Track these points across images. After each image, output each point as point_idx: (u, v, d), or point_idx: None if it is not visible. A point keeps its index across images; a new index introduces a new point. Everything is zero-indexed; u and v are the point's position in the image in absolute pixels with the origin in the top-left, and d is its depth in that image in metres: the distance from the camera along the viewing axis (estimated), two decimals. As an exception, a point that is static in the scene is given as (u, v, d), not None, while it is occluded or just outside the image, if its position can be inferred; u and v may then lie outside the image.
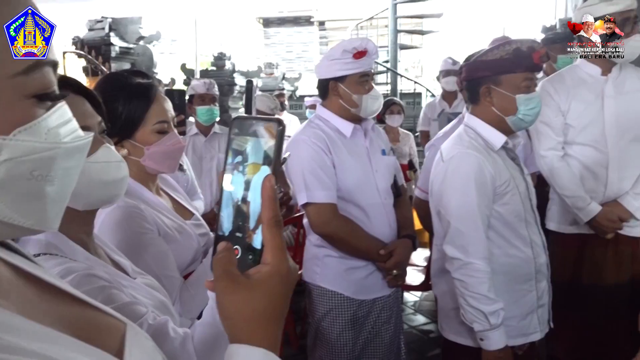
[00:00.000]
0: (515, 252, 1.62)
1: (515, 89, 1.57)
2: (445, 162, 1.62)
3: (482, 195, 1.55)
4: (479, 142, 1.62)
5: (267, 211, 0.49)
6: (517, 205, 1.62)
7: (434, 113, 4.35)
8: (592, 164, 2.09)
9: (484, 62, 1.60)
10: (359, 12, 9.80)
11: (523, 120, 1.62)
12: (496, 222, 1.60)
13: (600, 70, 2.11)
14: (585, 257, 2.16)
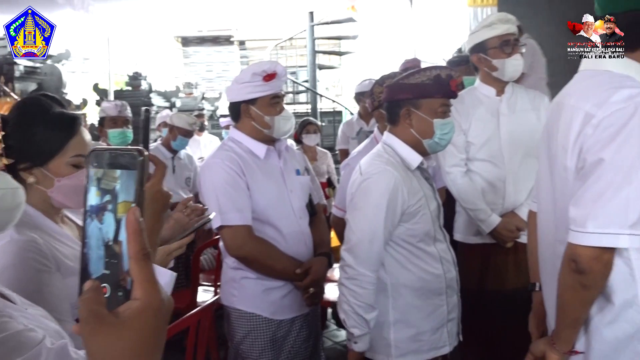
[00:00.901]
0: (427, 267, 1.70)
1: (433, 113, 1.67)
2: (363, 175, 1.68)
3: (390, 214, 1.62)
4: (396, 161, 1.69)
5: (133, 244, 0.47)
6: (428, 223, 1.70)
7: (352, 131, 4.46)
8: (492, 178, 2.25)
9: (406, 85, 1.68)
10: (279, 32, 9.92)
11: (438, 144, 1.72)
12: (408, 239, 1.68)
13: (495, 91, 2.29)
14: (489, 265, 2.31)
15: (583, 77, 1.29)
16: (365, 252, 1.61)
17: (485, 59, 2.21)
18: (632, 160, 1.07)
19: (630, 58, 1.19)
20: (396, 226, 1.66)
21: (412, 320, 1.68)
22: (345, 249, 1.65)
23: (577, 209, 1.13)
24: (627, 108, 1.09)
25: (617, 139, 1.09)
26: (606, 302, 1.18)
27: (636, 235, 1.07)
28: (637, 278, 1.15)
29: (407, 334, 1.68)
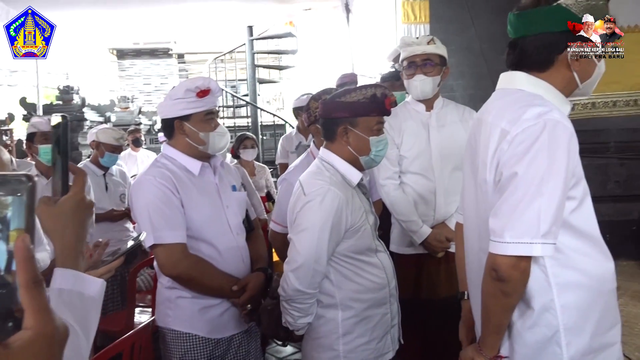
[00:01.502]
0: (373, 278, 1.74)
1: (369, 131, 1.70)
2: (307, 195, 1.67)
3: (335, 234, 1.64)
4: (337, 178, 1.71)
5: (23, 273, 0.46)
6: (369, 238, 1.75)
7: (292, 145, 4.48)
8: (423, 190, 2.33)
9: (343, 104, 1.70)
10: (219, 45, 9.85)
11: (374, 160, 1.76)
12: (351, 254, 1.71)
13: (424, 107, 2.39)
14: (423, 275, 2.38)
15: (499, 95, 1.37)
16: (310, 273, 1.62)
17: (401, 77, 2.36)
18: (543, 174, 1.15)
19: (540, 78, 1.28)
20: (340, 244, 1.69)
21: (361, 331, 1.71)
22: (290, 270, 1.64)
23: (495, 220, 1.19)
24: (537, 125, 1.16)
25: (528, 153, 1.16)
26: (526, 308, 1.24)
27: (548, 243, 1.14)
28: (552, 284, 1.22)
29: (355, 344, 1.70)
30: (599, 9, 1.21)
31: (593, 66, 1.27)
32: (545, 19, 1.22)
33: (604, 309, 1.25)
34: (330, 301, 1.70)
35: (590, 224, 1.27)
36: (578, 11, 1.20)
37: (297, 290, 1.62)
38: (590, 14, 1.20)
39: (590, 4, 1.20)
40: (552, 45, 1.24)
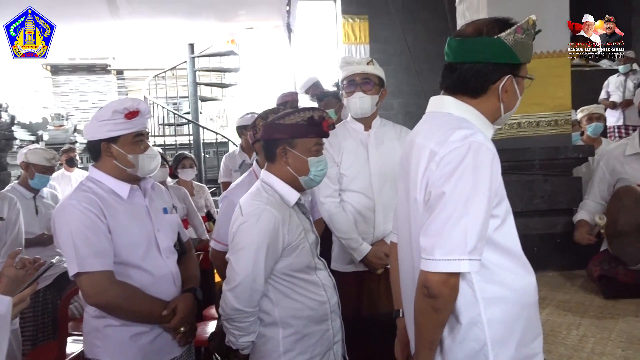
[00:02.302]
0: (312, 295, 1.76)
1: (308, 152, 1.75)
2: (244, 215, 1.69)
3: (272, 253, 1.67)
4: (275, 199, 1.74)
5: None
6: (308, 256, 1.77)
7: (235, 164, 4.44)
8: (363, 208, 2.37)
9: (282, 126, 1.74)
10: (160, 62, 9.66)
11: (313, 180, 1.80)
12: (290, 272, 1.73)
13: (363, 126, 2.44)
14: (363, 291, 2.41)
15: (428, 118, 1.42)
16: (248, 292, 1.64)
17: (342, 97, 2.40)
18: (468, 193, 1.20)
19: (470, 104, 1.34)
20: (277, 262, 1.71)
21: (302, 348, 1.73)
22: (228, 290, 1.66)
23: (425, 239, 1.23)
24: (462, 147, 1.22)
25: (455, 174, 1.21)
26: (455, 323, 1.28)
27: (474, 260, 1.19)
28: (479, 299, 1.27)
29: None
30: (527, 47, 1.30)
31: (516, 100, 1.35)
32: (486, 50, 1.28)
33: (528, 321, 1.31)
34: (270, 319, 1.73)
35: (513, 240, 1.33)
36: (513, 47, 1.27)
37: (235, 309, 1.63)
38: (520, 50, 1.28)
39: (523, 42, 1.28)
40: (488, 74, 1.30)
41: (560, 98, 2.95)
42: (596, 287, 2.40)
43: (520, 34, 1.28)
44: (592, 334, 1.92)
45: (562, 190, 2.88)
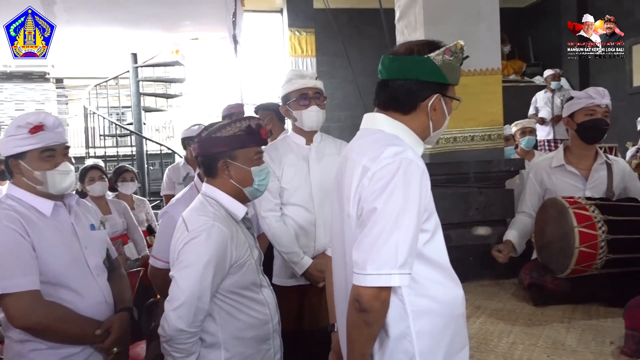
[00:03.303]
0: (256, 314, 1.73)
1: (250, 162, 1.73)
2: (190, 232, 1.63)
3: (219, 271, 1.62)
4: (222, 213, 1.69)
5: None
6: (253, 273, 1.74)
7: (179, 177, 4.35)
8: (304, 222, 2.38)
9: (220, 139, 1.70)
10: (102, 71, 9.36)
11: (258, 190, 1.78)
12: (236, 290, 1.69)
13: (304, 140, 2.46)
14: (305, 305, 2.41)
15: (362, 134, 1.45)
16: (193, 311, 1.57)
17: (289, 111, 2.38)
18: (399, 208, 1.23)
19: (401, 121, 1.38)
20: (224, 280, 1.66)
21: None
22: (171, 309, 1.57)
23: (358, 253, 1.25)
24: (394, 163, 1.25)
25: (386, 190, 1.24)
26: (385, 337, 1.30)
27: (405, 274, 1.22)
28: (409, 312, 1.30)
29: None
30: (455, 70, 1.36)
31: (444, 119, 1.40)
32: (416, 68, 1.33)
33: (455, 332, 1.35)
34: (213, 340, 1.67)
35: (442, 254, 1.38)
36: (442, 68, 1.33)
37: (178, 329, 1.55)
38: (448, 71, 1.33)
39: (451, 64, 1.33)
40: (418, 92, 1.35)
41: (493, 114, 3.09)
42: (527, 295, 2.51)
43: (448, 56, 1.33)
44: (521, 341, 2.01)
45: (495, 202, 3.01)
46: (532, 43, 9.25)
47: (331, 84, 8.21)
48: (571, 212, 2.28)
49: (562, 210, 2.34)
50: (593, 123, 2.56)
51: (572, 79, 8.07)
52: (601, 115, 2.57)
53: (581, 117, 2.59)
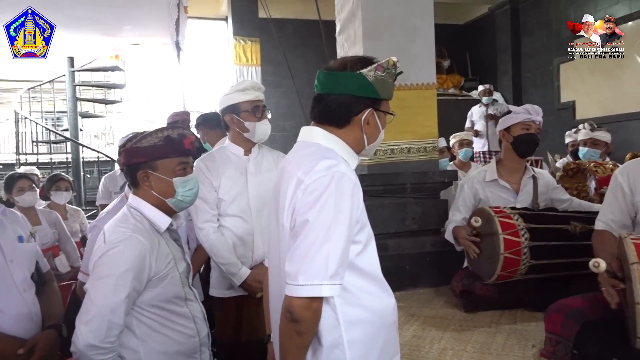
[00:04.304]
0: (181, 329, 1.70)
1: (171, 172, 1.69)
2: (107, 243, 1.58)
3: (136, 283, 1.57)
4: (144, 225, 1.66)
5: None
6: (177, 286, 1.70)
7: (116, 185, 4.22)
8: (241, 232, 2.37)
9: (139, 149, 1.67)
10: (36, 74, 8.93)
11: (183, 201, 1.74)
12: (158, 303, 1.65)
13: (243, 151, 2.45)
14: (243, 316, 2.40)
15: (299, 147, 1.48)
16: (105, 325, 1.51)
17: (238, 121, 2.36)
18: (331, 220, 1.26)
19: (336, 134, 1.41)
20: (142, 293, 1.62)
21: None
22: (82, 323, 1.52)
23: (290, 264, 1.27)
24: (326, 176, 1.28)
25: (318, 202, 1.26)
26: (318, 345, 1.33)
27: (335, 284, 1.25)
28: (341, 321, 1.33)
29: None
30: (388, 85, 1.40)
31: (378, 132, 1.45)
32: (349, 83, 1.37)
33: (386, 341, 1.39)
34: (133, 356, 1.62)
35: (374, 264, 1.41)
36: (374, 83, 1.37)
37: (89, 345, 1.49)
38: (380, 87, 1.38)
39: (383, 79, 1.38)
40: (351, 106, 1.39)
41: (429, 127, 3.22)
42: (458, 301, 2.62)
43: (380, 72, 1.38)
44: (451, 347, 2.09)
45: (430, 212, 3.12)
46: (470, 59, 9.68)
47: (276, 93, 8.24)
48: (497, 220, 2.41)
49: (489, 219, 2.46)
50: (529, 137, 2.73)
51: (506, 93, 8.49)
52: (535, 130, 2.75)
53: (517, 130, 2.74)
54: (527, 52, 8.36)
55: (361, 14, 3.08)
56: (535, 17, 8.13)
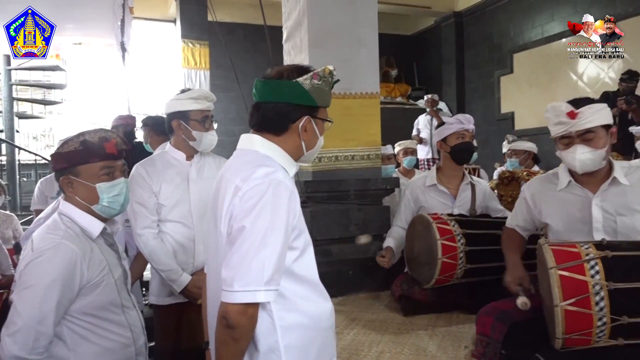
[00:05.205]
0: (115, 337, 1.66)
1: (95, 178, 1.65)
2: (35, 251, 1.53)
3: (67, 292, 1.53)
4: (75, 231, 1.61)
5: None
6: (112, 293, 1.67)
7: (52, 190, 4.06)
8: (182, 238, 2.34)
9: (60, 155, 1.63)
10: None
11: (110, 207, 1.69)
12: (91, 311, 1.61)
13: (185, 156, 2.43)
14: (183, 324, 2.37)
15: (238, 154, 1.49)
16: (32, 336, 1.46)
17: (186, 128, 2.33)
18: (267, 227, 1.27)
19: (274, 142, 1.43)
20: (73, 301, 1.57)
21: None
22: (7, 334, 1.46)
23: (226, 271, 1.28)
24: (263, 184, 1.30)
25: (255, 209, 1.28)
26: (254, 351, 1.34)
27: (270, 290, 1.27)
28: (278, 326, 1.35)
29: None
30: (324, 93, 1.43)
31: (316, 139, 1.48)
32: (286, 91, 1.39)
33: (322, 345, 1.42)
34: None
35: (311, 270, 1.44)
36: (310, 91, 1.40)
37: (15, 357, 1.44)
38: (317, 95, 1.41)
39: (319, 88, 1.41)
40: (288, 114, 1.41)
41: (372, 135, 3.30)
42: (398, 306, 2.69)
43: (317, 80, 1.41)
44: (389, 350, 2.15)
45: (373, 218, 3.19)
46: (417, 68, 9.96)
47: (226, 97, 8.17)
48: (435, 227, 2.50)
49: (427, 225, 2.55)
50: (465, 146, 2.88)
51: (450, 103, 8.79)
52: (469, 138, 2.88)
53: (453, 140, 2.87)
54: (470, 64, 8.69)
55: (307, 23, 3.12)
56: (478, 31, 8.48)
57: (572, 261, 1.66)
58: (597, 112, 1.90)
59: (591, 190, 1.97)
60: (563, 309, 1.60)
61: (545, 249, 1.71)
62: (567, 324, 1.60)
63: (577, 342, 1.64)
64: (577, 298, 1.61)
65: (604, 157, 1.93)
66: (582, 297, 1.61)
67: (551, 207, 2.07)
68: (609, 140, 1.94)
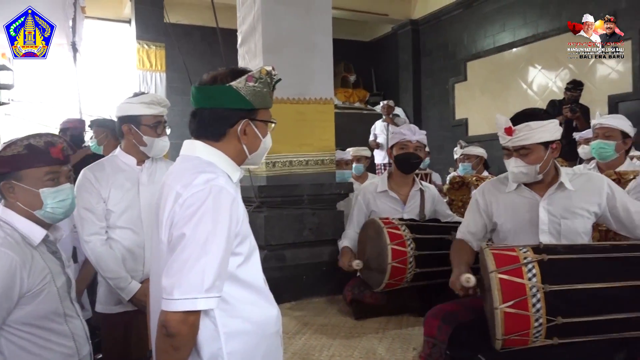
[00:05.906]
0: (57, 348, 1.61)
1: (39, 183, 1.61)
2: None
3: (5, 301, 1.49)
4: (15, 238, 1.56)
5: None
6: (55, 301, 1.62)
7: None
8: (131, 245, 2.29)
9: (2, 159, 1.58)
10: None
11: (54, 213, 1.65)
12: (32, 321, 1.56)
13: (136, 161, 2.38)
14: (131, 332, 2.32)
15: (180, 160, 1.47)
16: None
17: (137, 133, 2.28)
18: (207, 235, 1.26)
19: (215, 147, 1.43)
20: (12, 311, 1.52)
21: None
22: None
23: (166, 279, 1.26)
24: (204, 190, 1.29)
25: (195, 216, 1.27)
26: (197, 358, 1.33)
27: (211, 297, 1.26)
28: (221, 333, 1.34)
29: None
30: (263, 95, 1.42)
31: (259, 141, 1.47)
32: (220, 96, 1.38)
33: (267, 351, 1.42)
34: None
35: (256, 275, 1.44)
36: (246, 94, 1.39)
37: None
38: (253, 97, 1.40)
39: (256, 90, 1.40)
40: (224, 119, 1.40)
41: (326, 140, 3.33)
42: (350, 310, 2.72)
43: (251, 82, 1.40)
44: (339, 353, 2.17)
45: (327, 223, 3.22)
46: (375, 74, 10.10)
47: (183, 100, 8.04)
48: (385, 232, 2.54)
49: (378, 229, 2.60)
50: (405, 156, 2.95)
51: (407, 109, 8.95)
52: (413, 149, 2.94)
53: (397, 150, 2.95)
54: (426, 71, 8.89)
55: (261, 28, 3.13)
56: (434, 39, 8.68)
57: (511, 265, 1.72)
58: (534, 130, 1.97)
59: (539, 193, 2.07)
60: (502, 311, 1.66)
61: (486, 252, 1.77)
62: (507, 326, 1.66)
63: (515, 343, 1.70)
64: (515, 300, 1.67)
65: (539, 171, 2.01)
66: (520, 299, 1.67)
67: (502, 208, 2.16)
68: (548, 156, 2.02)
